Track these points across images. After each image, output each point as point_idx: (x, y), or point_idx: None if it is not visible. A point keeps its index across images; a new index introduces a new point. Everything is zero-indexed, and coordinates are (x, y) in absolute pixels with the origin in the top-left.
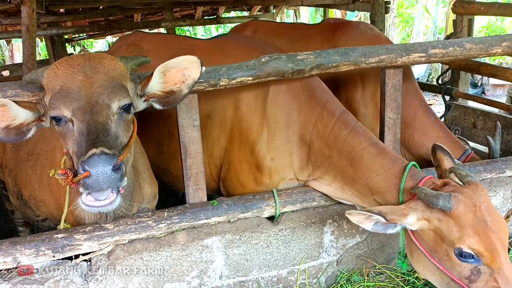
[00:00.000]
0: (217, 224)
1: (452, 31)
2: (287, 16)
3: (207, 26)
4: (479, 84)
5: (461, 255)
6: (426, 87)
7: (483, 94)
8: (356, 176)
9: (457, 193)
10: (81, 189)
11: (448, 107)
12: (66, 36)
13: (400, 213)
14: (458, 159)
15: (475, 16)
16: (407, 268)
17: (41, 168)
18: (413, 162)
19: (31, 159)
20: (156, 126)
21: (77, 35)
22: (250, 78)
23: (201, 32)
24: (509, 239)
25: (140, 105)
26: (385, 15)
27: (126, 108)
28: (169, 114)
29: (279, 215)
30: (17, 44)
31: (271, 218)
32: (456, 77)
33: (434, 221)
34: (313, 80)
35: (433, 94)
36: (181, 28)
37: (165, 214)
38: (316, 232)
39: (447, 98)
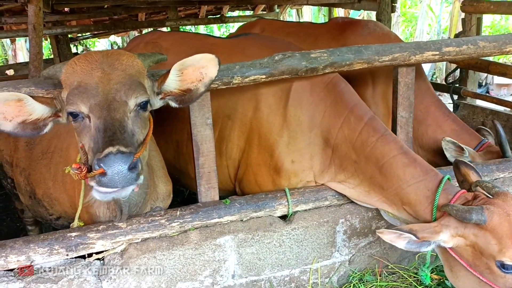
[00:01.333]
0: (230, 223)
1: (456, 30)
2: (289, 15)
3: (210, 26)
4: (483, 84)
5: (503, 267)
6: (433, 86)
7: (487, 94)
8: (385, 184)
9: (488, 205)
10: (92, 183)
11: (456, 106)
12: (70, 35)
13: (432, 231)
14: (473, 149)
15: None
16: (430, 281)
17: (55, 166)
18: (447, 176)
19: (45, 157)
20: (175, 127)
21: (81, 35)
22: (264, 76)
23: (203, 31)
24: None
25: (157, 103)
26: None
27: (143, 106)
28: (189, 115)
29: (291, 214)
30: (20, 43)
31: (283, 217)
32: (465, 76)
33: (470, 236)
34: (339, 83)
35: (438, 93)
36: (185, 27)
37: (178, 213)
38: (328, 231)
39: (455, 97)
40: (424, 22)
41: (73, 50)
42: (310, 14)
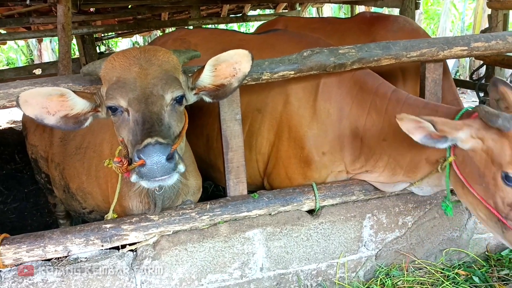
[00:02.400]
0: (258, 216)
1: (481, 27)
2: (309, 13)
3: (230, 25)
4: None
5: (507, 178)
6: (459, 83)
7: None
8: (410, 145)
9: None
10: (133, 178)
11: (482, 103)
12: (95, 35)
13: (453, 126)
14: None
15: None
16: (451, 212)
17: (89, 161)
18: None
19: (79, 152)
20: (205, 122)
21: (105, 34)
22: (292, 72)
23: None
24: None
25: (191, 97)
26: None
27: (179, 100)
28: (218, 110)
29: (318, 209)
30: (45, 43)
31: (310, 212)
32: (491, 72)
33: (489, 141)
34: (363, 72)
35: (463, 90)
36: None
37: (208, 206)
38: (355, 226)
39: (481, 94)
40: (447, 19)
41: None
42: (331, 12)
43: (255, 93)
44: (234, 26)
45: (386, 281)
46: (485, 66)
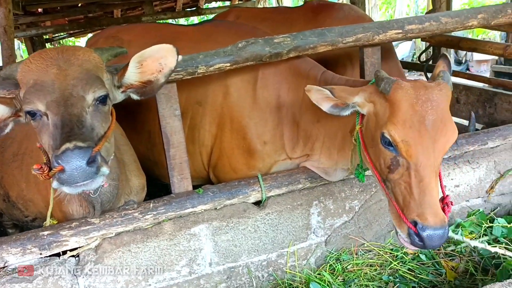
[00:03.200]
0: (204, 212)
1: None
2: (269, 3)
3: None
4: (463, 61)
5: (383, 139)
6: (409, 66)
7: (467, 71)
8: (339, 123)
9: (406, 82)
10: (54, 184)
11: None
12: (46, 36)
13: (349, 92)
14: None
15: None
16: (363, 179)
17: (27, 168)
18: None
19: (16, 159)
20: (146, 118)
21: (57, 35)
22: (228, 64)
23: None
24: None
25: (118, 96)
26: None
27: (102, 100)
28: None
29: (265, 200)
30: None
31: (258, 203)
32: (437, 53)
33: (377, 104)
34: (299, 58)
35: (419, 73)
36: (163, 21)
37: (151, 205)
38: (303, 214)
39: (430, 75)
40: (403, 3)
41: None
42: (290, 2)
43: (195, 86)
44: (195, 20)
45: (336, 266)
46: (431, 48)
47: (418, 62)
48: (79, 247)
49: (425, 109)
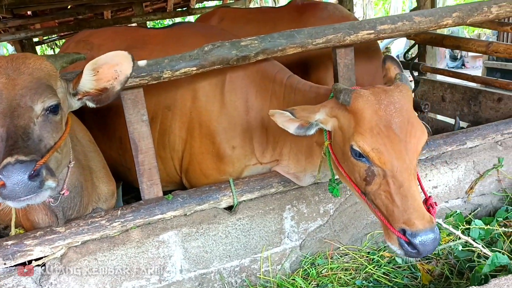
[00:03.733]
0: (173, 218)
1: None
2: (265, 2)
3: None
4: (458, 57)
5: (353, 151)
6: None
7: (463, 67)
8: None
9: (365, 90)
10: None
11: (417, 82)
12: (37, 39)
13: (310, 111)
14: None
15: None
16: (338, 193)
17: None
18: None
19: None
20: (117, 123)
21: (47, 37)
22: (194, 68)
23: None
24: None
25: (75, 103)
26: None
27: (53, 109)
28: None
29: (237, 204)
30: None
31: (230, 208)
32: (423, 51)
33: (341, 117)
34: (266, 61)
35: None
36: (154, 22)
37: (119, 212)
38: (275, 219)
39: (416, 73)
40: None
41: (45, 53)
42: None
43: (164, 90)
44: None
45: (310, 271)
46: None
47: (404, 60)
48: (44, 257)
49: (389, 112)
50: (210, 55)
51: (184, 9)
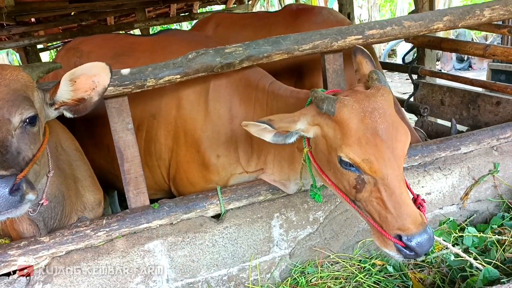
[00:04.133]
0: (158, 227)
1: (437, 7)
2: (271, 5)
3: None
4: (465, 58)
5: (342, 162)
6: (393, 67)
7: (470, 68)
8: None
9: (348, 97)
10: None
11: (416, 86)
12: (41, 46)
13: (290, 120)
14: None
15: None
16: (320, 199)
17: None
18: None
19: None
20: (104, 131)
21: (51, 44)
22: (178, 76)
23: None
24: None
25: (51, 113)
26: None
27: (31, 121)
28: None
29: (224, 213)
30: (1, 56)
31: (218, 217)
32: (422, 54)
33: (324, 126)
34: (250, 68)
35: (397, 74)
36: (156, 27)
37: (104, 221)
38: (263, 227)
39: (415, 77)
40: (404, 0)
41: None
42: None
43: (150, 98)
44: (184, 25)
45: (301, 279)
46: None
47: (402, 63)
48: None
49: (374, 119)
50: (194, 62)
51: (187, 14)
